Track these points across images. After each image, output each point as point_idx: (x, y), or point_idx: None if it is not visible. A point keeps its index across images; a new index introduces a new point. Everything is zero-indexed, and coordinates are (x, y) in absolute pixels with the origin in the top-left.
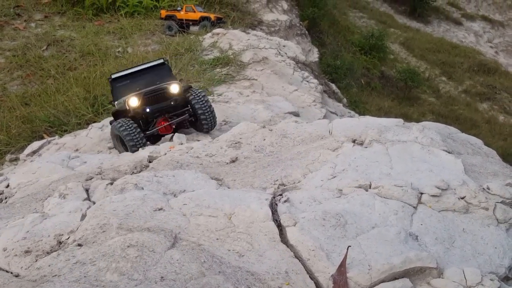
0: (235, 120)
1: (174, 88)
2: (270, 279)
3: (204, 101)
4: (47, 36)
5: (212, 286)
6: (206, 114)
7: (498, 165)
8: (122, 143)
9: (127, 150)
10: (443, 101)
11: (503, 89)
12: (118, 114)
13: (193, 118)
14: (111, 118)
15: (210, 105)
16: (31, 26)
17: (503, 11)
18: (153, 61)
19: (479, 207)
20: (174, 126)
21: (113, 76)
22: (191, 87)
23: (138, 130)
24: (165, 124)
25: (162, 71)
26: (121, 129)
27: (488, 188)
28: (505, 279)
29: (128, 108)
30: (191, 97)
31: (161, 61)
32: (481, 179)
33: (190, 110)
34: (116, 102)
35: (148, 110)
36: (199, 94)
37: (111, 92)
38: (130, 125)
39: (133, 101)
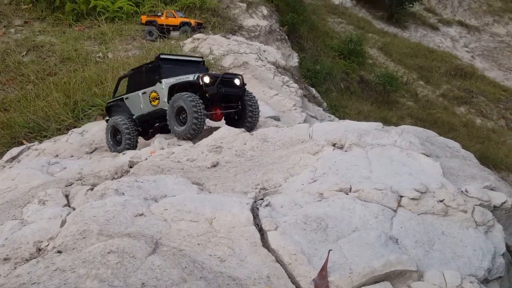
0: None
1: (238, 81)
2: (252, 284)
3: (255, 100)
4: (27, 41)
5: None
6: (254, 111)
7: (475, 168)
8: (178, 118)
9: (181, 125)
10: (421, 105)
11: (480, 93)
12: (174, 90)
13: (237, 116)
14: (93, 123)
15: (258, 105)
16: (10, 31)
17: (479, 16)
18: (194, 56)
19: (458, 210)
20: (223, 116)
21: (161, 56)
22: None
23: (203, 106)
24: (220, 112)
25: (200, 67)
26: (192, 102)
27: (467, 191)
28: (485, 281)
29: (201, 83)
30: (245, 94)
31: (201, 59)
32: (459, 182)
33: (240, 106)
34: (165, 80)
35: (222, 90)
36: (250, 94)
37: (122, 81)
38: (198, 100)
39: (207, 79)
